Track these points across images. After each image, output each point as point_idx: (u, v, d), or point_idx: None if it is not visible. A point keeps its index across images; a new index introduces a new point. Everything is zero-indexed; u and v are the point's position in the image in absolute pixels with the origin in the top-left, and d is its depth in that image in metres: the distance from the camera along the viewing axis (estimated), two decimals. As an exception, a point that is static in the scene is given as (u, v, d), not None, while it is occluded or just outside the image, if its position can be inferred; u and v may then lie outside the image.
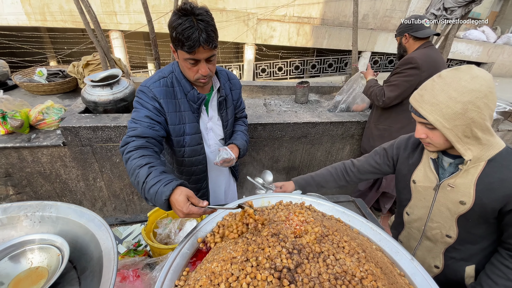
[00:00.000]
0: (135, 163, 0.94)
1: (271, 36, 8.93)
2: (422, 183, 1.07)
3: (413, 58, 1.85)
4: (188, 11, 0.95)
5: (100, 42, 2.32)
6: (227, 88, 1.32)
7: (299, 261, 0.66)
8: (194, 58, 1.01)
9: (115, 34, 8.27)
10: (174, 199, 0.84)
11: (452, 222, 1.01)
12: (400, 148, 1.18)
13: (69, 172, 2.06)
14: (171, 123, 1.17)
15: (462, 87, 0.80)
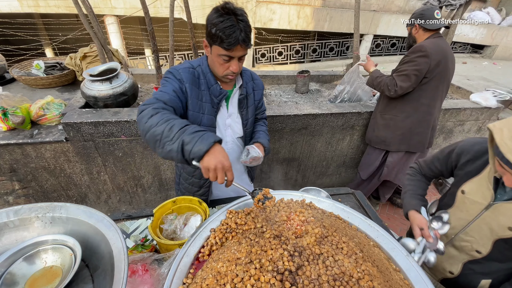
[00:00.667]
0: (168, 116, 0.92)
1: (271, 19, 8.69)
2: (472, 196, 1.01)
3: (423, 46, 1.85)
4: (230, 10, 1.00)
5: (97, 34, 2.27)
6: (250, 88, 1.36)
7: (300, 263, 0.70)
8: (229, 55, 1.06)
9: (110, 20, 8.05)
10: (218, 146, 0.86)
11: (488, 241, 0.98)
12: (461, 154, 1.08)
13: (73, 167, 2.10)
14: (191, 109, 1.20)
15: None
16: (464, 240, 1.06)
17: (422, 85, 1.95)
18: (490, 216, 0.95)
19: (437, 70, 1.88)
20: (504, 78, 8.19)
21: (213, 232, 0.98)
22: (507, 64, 9.95)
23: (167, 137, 0.87)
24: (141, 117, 0.96)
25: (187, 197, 1.38)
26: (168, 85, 1.13)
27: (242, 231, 0.94)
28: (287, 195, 1.19)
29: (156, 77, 2.36)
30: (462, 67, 9.24)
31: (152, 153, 2.13)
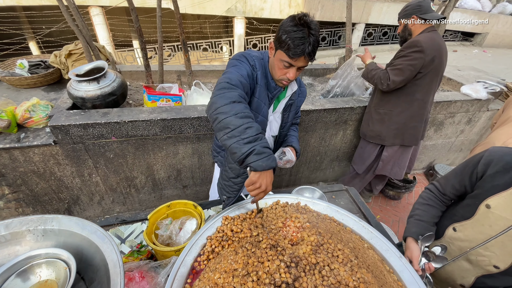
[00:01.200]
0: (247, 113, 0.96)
1: (262, 8, 8.51)
2: (499, 212, 0.95)
3: (419, 41, 1.83)
4: (306, 23, 1.02)
5: (81, 30, 2.18)
6: (296, 94, 1.41)
7: (297, 274, 0.71)
8: (291, 63, 1.09)
9: (95, 11, 7.75)
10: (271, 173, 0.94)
11: (509, 258, 0.95)
12: (489, 164, 0.99)
13: (63, 170, 2.05)
14: (258, 96, 1.23)
15: None
16: (482, 255, 1.02)
17: (416, 80, 1.95)
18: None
19: (431, 65, 1.88)
20: (494, 66, 8.30)
21: (210, 240, 0.98)
22: (497, 52, 10.05)
23: (240, 134, 0.90)
24: (224, 97, 0.98)
25: (182, 201, 1.37)
26: (242, 68, 1.15)
27: (238, 239, 0.94)
28: (283, 198, 1.20)
29: (145, 75, 2.30)
30: (453, 55, 9.30)
31: (144, 154, 2.10)
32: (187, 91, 2.27)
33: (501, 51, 10.14)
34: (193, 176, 2.39)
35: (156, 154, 2.13)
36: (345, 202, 1.70)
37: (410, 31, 1.97)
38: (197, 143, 2.18)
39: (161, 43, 2.18)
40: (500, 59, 9.04)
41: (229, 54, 9.20)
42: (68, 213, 2.36)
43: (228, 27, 10.97)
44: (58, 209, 2.32)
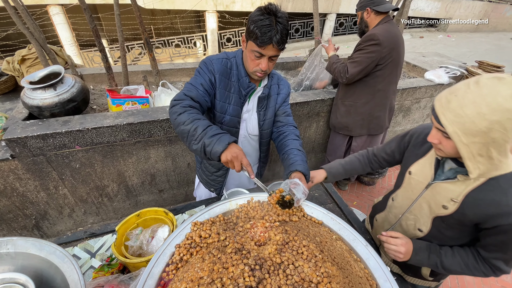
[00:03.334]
0: (193, 116, 1.05)
1: (233, 1, 8.36)
2: (417, 176, 1.07)
3: (375, 35, 1.87)
4: (272, 11, 1.04)
5: (33, 33, 2.02)
6: (274, 90, 1.39)
7: (261, 276, 0.71)
8: (261, 52, 1.10)
9: (54, 9, 7.25)
10: (233, 146, 1.01)
11: (428, 220, 1.05)
12: (413, 136, 1.15)
13: (26, 184, 1.92)
14: (219, 99, 1.27)
15: (497, 104, 0.69)
16: (409, 219, 1.13)
17: (376, 72, 2.00)
18: (429, 195, 1.02)
19: (390, 57, 1.93)
20: (457, 50, 8.75)
21: (178, 248, 0.96)
22: (460, 36, 10.61)
23: (192, 136, 1.02)
24: (171, 113, 1.10)
25: (152, 209, 1.33)
26: (199, 78, 1.22)
27: (206, 245, 0.92)
28: (256, 196, 1.19)
29: (108, 78, 2.18)
30: (419, 41, 9.69)
31: (113, 161, 2.02)
32: (154, 92, 2.19)
33: (464, 35, 10.71)
34: (168, 180, 2.33)
35: (126, 160, 2.04)
36: (320, 193, 1.73)
37: (367, 23, 2.01)
38: (169, 146, 2.12)
39: (123, 43, 2.08)
40: (464, 43, 9.56)
41: (203, 50, 9.00)
42: (37, 229, 2.23)
43: (200, 22, 10.69)
44: (25, 226, 2.19)
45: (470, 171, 0.82)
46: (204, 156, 1.03)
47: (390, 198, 1.26)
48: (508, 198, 0.82)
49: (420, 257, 1.06)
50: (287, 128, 1.41)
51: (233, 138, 1.03)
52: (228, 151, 0.99)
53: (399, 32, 1.98)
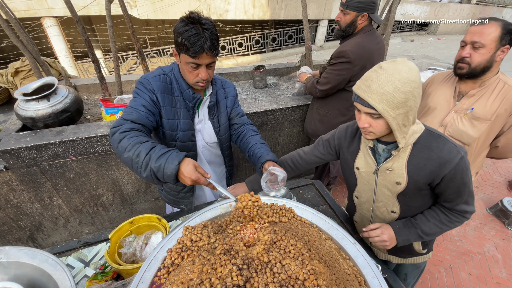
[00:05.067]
0: (133, 140, 0.98)
1: (226, 10, 8.50)
2: (364, 169, 1.16)
3: (347, 52, 1.80)
4: (195, 20, 1.03)
5: (26, 46, 2.06)
6: (221, 95, 1.38)
7: (248, 275, 0.73)
8: (196, 62, 1.09)
9: (49, 22, 7.32)
10: (183, 167, 0.95)
11: (394, 200, 1.13)
12: (340, 138, 1.26)
13: (20, 196, 1.93)
14: (166, 117, 1.23)
15: (404, 78, 0.85)
16: (379, 207, 1.20)
17: (348, 88, 1.97)
18: (382, 179, 1.11)
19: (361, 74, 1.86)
20: (447, 52, 8.94)
21: (169, 252, 0.97)
22: (450, 38, 10.84)
23: (137, 163, 0.95)
24: (112, 141, 1.03)
25: (145, 216, 1.34)
26: (138, 99, 1.15)
27: (197, 248, 0.94)
28: (244, 200, 1.21)
29: (101, 88, 2.21)
30: (410, 44, 9.88)
31: (107, 170, 2.03)
32: (148, 101, 2.22)
33: (453, 37, 10.94)
34: (163, 187, 2.34)
35: (120, 168, 2.06)
36: (312, 195, 1.75)
37: (356, 28, 1.86)
38: (163, 153, 2.14)
39: (116, 53, 2.11)
40: (453, 45, 9.76)
41: (198, 58, 9.08)
42: (32, 241, 2.22)
43: (194, 31, 10.80)
44: (20, 238, 2.18)
45: (399, 141, 0.95)
46: (159, 182, 0.96)
47: (354, 197, 1.32)
48: (435, 151, 0.97)
49: (403, 236, 1.14)
50: (244, 128, 1.44)
51: (182, 153, 0.97)
52: (182, 175, 0.94)
53: (376, 45, 1.88)
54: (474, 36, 1.29)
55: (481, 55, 1.30)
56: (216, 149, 1.49)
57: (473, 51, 1.32)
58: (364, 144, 1.15)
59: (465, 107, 1.44)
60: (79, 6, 6.85)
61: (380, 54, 1.95)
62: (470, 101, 1.43)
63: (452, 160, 0.95)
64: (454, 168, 0.95)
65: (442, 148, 0.97)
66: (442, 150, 0.97)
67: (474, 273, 2.29)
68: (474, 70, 1.35)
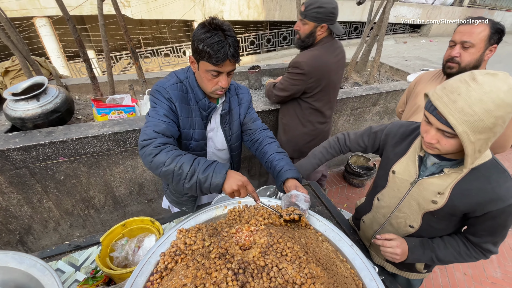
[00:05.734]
0: (172, 153, 0.98)
1: (221, 10, 8.48)
2: (401, 175, 1.07)
3: (301, 64, 1.72)
4: (218, 26, 0.99)
5: (17, 45, 2.00)
6: (234, 102, 1.32)
7: (244, 280, 0.71)
8: (218, 70, 1.05)
9: (41, 21, 7.20)
10: (232, 173, 0.97)
11: (418, 216, 1.06)
12: (389, 135, 1.16)
13: (9, 198, 1.87)
14: (182, 127, 1.20)
15: (500, 100, 0.70)
16: (399, 217, 1.14)
17: (306, 99, 1.90)
18: (416, 192, 1.03)
19: (317, 86, 1.81)
20: (439, 54, 9.06)
21: (163, 256, 0.95)
22: (442, 40, 11.00)
23: (180, 175, 0.95)
24: (144, 155, 1.01)
25: (138, 218, 1.31)
26: (159, 109, 1.12)
27: (191, 252, 0.91)
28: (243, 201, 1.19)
29: (93, 88, 2.17)
30: (403, 46, 10.00)
31: (99, 172, 1.98)
32: (141, 101, 2.19)
33: (445, 39, 11.11)
34: (157, 189, 2.31)
35: (112, 170, 2.01)
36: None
37: (315, 38, 1.75)
38: (157, 154, 2.10)
39: (108, 53, 2.07)
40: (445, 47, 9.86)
41: (193, 59, 9.04)
42: (21, 245, 2.15)
43: (189, 31, 10.77)
44: (9, 242, 2.11)
45: (466, 165, 0.83)
46: (201, 193, 0.97)
47: (375, 199, 1.26)
48: (493, 185, 0.86)
49: (416, 255, 1.07)
50: (259, 134, 1.36)
51: (227, 165, 0.98)
52: (231, 182, 0.94)
53: (335, 57, 1.80)
54: (464, 36, 1.29)
55: (470, 54, 1.30)
56: (225, 155, 1.45)
57: (463, 50, 1.31)
58: (414, 150, 1.04)
59: None
60: (71, 6, 6.75)
61: (340, 66, 1.87)
62: None
63: (506, 200, 0.85)
64: (504, 208, 0.86)
65: (501, 184, 0.86)
66: (501, 186, 0.86)
67: (469, 273, 2.30)
68: (464, 69, 1.33)
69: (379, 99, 2.86)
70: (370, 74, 3.26)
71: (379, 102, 2.90)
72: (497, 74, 0.73)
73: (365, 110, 2.91)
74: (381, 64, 3.79)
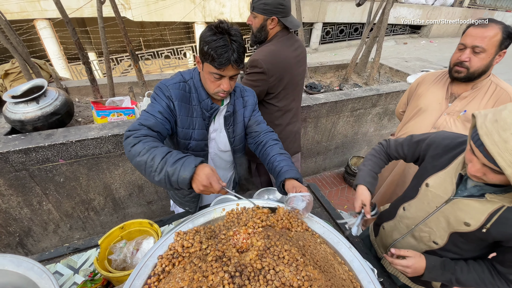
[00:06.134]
0: (149, 145, 0.97)
1: (221, 12, 8.51)
2: (435, 189, 1.02)
3: (259, 62, 1.57)
4: (224, 30, 1.00)
5: (16, 48, 2.01)
6: (239, 105, 1.33)
7: (241, 283, 0.71)
8: (221, 74, 1.05)
9: (41, 24, 7.24)
10: (201, 169, 0.92)
11: (445, 234, 1.01)
12: (431, 145, 1.09)
13: (8, 201, 1.87)
14: (180, 126, 1.21)
15: None
16: (423, 231, 1.09)
17: (270, 100, 1.76)
18: (449, 210, 0.97)
19: (280, 85, 1.69)
20: (440, 55, 9.07)
21: (160, 259, 0.95)
22: (442, 41, 11.00)
23: (151, 167, 0.93)
24: (125, 144, 1.01)
25: (136, 221, 1.31)
26: (156, 105, 1.13)
27: (188, 254, 0.91)
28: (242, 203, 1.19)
29: (92, 90, 2.18)
30: (404, 47, 10.00)
31: (99, 174, 1.99)
32: (140, 103, 2.19)
33: (445, 40, 11.11)
34: (157, 191, 2.31)
35: (112, 172, 2.02)
36: (307, 198, 1.73)
37: (267, 34, 1.64)
38: (156, 156, 2.11)
39: (107, 55, 2.08)
40: (446, 48, 9.91)
41: (193, 60, 9.07)
42: (21, 247, 2.15)
43: (189, 33, 10.82)
44: (8, 244, 2.12)
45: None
46: (171, 187, 0.95)
47: (400, 208, 1.21)
48: None
49: (433, 275, 1.03)
50: (264, 136, 1.34)
51: (199, 159, 0.95)
52: (197, 183, 0.91)
53: (294, 52, 1.68)
54: (476, 40, 1.23)
55: (481, 60, 1.26)
56: (228, 156, 1.45)
57: (473, 55, 1.26)
58: (455, 166, 0.97)
59: (458, 109, 1.42)
60: (72, 8, 6.79)
61: (300, 61, 1.74)
62: (463, 103, 1.40)
63: None
64: None
65: None
66: None
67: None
68: (472, 74, 1.31)
69: (379, 100, 2.86)
70: (370, 75, 3.26)
71: (379, 104, 2.90)
72: None
73: (365, 112, 2.91)
74: (381, 65, 3.79)
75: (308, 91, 2.98)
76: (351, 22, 10.06)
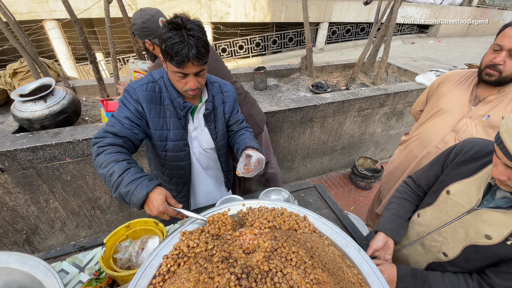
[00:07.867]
0: (110, 157, 0.94)
1: (227, 13, 8.51)
2: (456, 198, 0.95)
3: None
4: (179, 25, 0.93)
5: (25, 47, 2.03)
6: (218, 101, 1.29)
7: (248, 285, 0.69)
8: (182, 72, 1.01)
9: (50, 24, 7.34)
10: (153, 196, 0.90)
11: (459, 246, 0.94)
12: (460, 152, 1.01)
13: (16, 198, 1.89)
14: (153, 128, 1.17)
15: None
16: (435, 240, 1.03)
17: None
18: (470, 221, 0.90)
19: None
20: (448, 54, 8.91)
21: (165, 259, 0.93)
22: (450, 41, 10.82)
23: (109, 182, 0.92)
24: (92, 152, 1.00)
25: (142, 220, 1.30)
26: (123, 110, 1.09)
27: (194, 255, 0.90)
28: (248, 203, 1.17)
29: (99, 89, 2.19)
30: (411, 47, 9.87)
31: (105, 172, 1.99)
32: (147, 103, 2.19)
33: (454, 40, 10.92)
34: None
35: (118, 171, 2.02)
36: (314, 199, 1.71)
37: (154, 54, 1.67)
38: (162, 155, 2.11)
39: (114, 55, 2.09)
40: (454, 47, 9.74)
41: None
42: (28, 245, 2.17)
43: (195, 33, 10.84)
44: (15, 242, 2.14)
45: None
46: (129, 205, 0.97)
47: (415, 214, 1.15)
48: None
49: (406, 284, 1.00)
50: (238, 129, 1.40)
51: (154, 182, 0.92)
52: (147, 207, 0.90)
53: None
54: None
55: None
56: (213, 155, 1.43)
57: (509, 58, 1.16)
58: (484, 175, 0.91)
59: (481, 113, 1.31)
60: (80, 9, 6.87)
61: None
62: (487, 107, 1.30)
63: None
64: None
65: None
66: None
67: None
68: (504, 79, 1.21)
69: (386, 100, 2.82)
70: (378, 75, 3.21)
71: (386, 103, 2.86)
72: None
73: (372, 111, 2.86)
74: (388, 64, 3.74)
75: (314, 91, 2.95)
76: (357, 22, 9.97)
